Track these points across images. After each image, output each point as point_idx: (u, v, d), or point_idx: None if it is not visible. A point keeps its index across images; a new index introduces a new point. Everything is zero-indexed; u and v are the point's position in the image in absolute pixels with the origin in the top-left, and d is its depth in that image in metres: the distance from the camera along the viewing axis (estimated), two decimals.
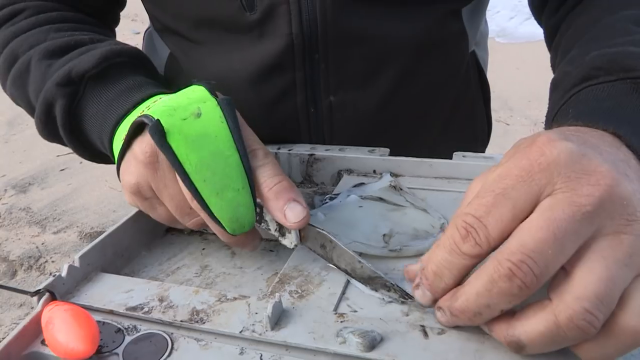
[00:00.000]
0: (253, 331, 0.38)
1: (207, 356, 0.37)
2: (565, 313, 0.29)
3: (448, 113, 0.74)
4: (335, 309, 0.40)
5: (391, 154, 0.61)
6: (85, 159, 0.60)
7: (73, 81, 0.52)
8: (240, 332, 0.38)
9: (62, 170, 2.64)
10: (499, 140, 2.68)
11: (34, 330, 0.40)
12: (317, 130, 0.68)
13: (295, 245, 0.44)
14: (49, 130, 0.57)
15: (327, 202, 0.54)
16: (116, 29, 0.75)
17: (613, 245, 0.30)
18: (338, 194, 0.55)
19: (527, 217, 0.31)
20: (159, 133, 0.41)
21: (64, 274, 0.44)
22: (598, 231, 0.30)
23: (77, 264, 0.45)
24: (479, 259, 0.33)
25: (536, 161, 0.32)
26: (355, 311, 0.39)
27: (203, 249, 0.52)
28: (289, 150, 0.63)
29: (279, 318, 0.38)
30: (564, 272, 0.31)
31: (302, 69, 0.64)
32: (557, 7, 0.62)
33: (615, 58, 0.44)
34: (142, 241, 0.53)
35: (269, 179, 0.43)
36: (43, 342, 0.39)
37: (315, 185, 0.62)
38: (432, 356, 0.35)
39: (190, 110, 0.43)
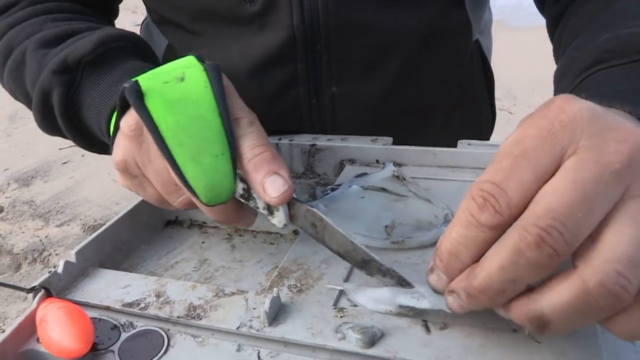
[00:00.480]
0: (250, 327, 0.37)
1: (203, 353, 0.36)
2: (595, 277, 0.27)
3: (452, 103, 0.73)
4: (335, 303, 0.39)
5: (395, 144, 0.59)
6: (86, 149, 0.58)
7: (69, 68, 0.51)
8: (238, 328, 0.37)
9: (65, 163, 2.64)
10: (503, 130, 2.64)
11: (29, 328, 0.39)
12: (319, 122, 0.67)
13: (285, 225, 0.41)
14: (47, 122, 0.55)
15: (328, 193, 0.52)
16: (116, 22, 0.73)
17: None
18: (340, 185, 0.53)
19: (549, 179, 0.28)
20: (135, 93, 0.39)
21: (60, 270, 0.43)
22: (627, 191, 0.28)
23: (73, 259, 0.44)
24: (500, 230, 0.29)
25: (557, 119, 0.29)
26: (356, 306, 0.38)
27: (202, 242, 0.51)
28: (290, 140, 0.62)
29: (277, 313, 0.37)
30: (590, 238, 0.28)
31: (304, 60, 0.62)
32: None
33: (628, 40, 0.43)
34: (141, 235, 0.52)
35: (249, 150, 0.40)
36: (39, 340, 0.38)
37: (317, 175, 0.61)
38: (434, 352, 0.34)
39: (173, 75, 0.41)
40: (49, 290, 0.41)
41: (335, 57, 0.62)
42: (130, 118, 0.41)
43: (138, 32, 0.82)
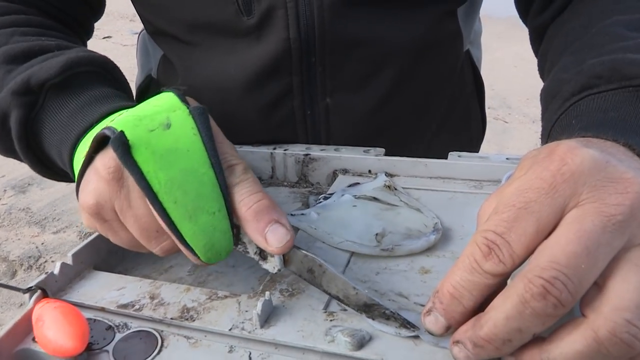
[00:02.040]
0: (242, 329, 0.38)
1: (196, 354, 0.37)
2: (605, 327, 0.27)
3: (444, 112, 0.74)
4: (326, 307, 0.40)
5: (387, 155, 0.61)
6: (44, 176, 0.55)
7: (32, 90, 0.47)
8: (230, 329, 0.38)
9: None
10: (498, 139, 2.68)
11: (25, 328, 0.40)
12: (313, 133, 0.68)
13: (279, 270, 0.40)
14: (3, 144, 0.51)
15: (321, 202, 0.54)
16: (115, 30, 0.74)
17: None
18: (332, 194, 0.55)
19: (551, 231, 0.29)
20: (123, 146, 0.36)
21: (56, 271, 0.44)
22: (629, 241, 0.29)
23: (70, 261, 0.45)
24: (502, 278, 0.30)
25: (558, 171, 0.30)
26: (345, 309, 0.39)
27: None
28: (285, 150, 0.63)
29: (268, 316, 0.38)
30: (596, 286, 0.29)
31: (299, 72, 0.64)
32: (542, 8, 0.61)
33: (615, 66, 0.44)
34: None
35: (247, 197, 0.38)
36: (34, 340, 0.39)
37: (310, 185, 0.62)
38: (420, 356, 0.35)
39: (158, 121, 0.38)
40: (45, 290, 0.42)
41: (329, 70, 0.64)
42: (109, 160, 0.38)
43: (136, 41, 0.83)
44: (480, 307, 0.32)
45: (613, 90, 0.42)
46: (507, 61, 3.55)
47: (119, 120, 0.39)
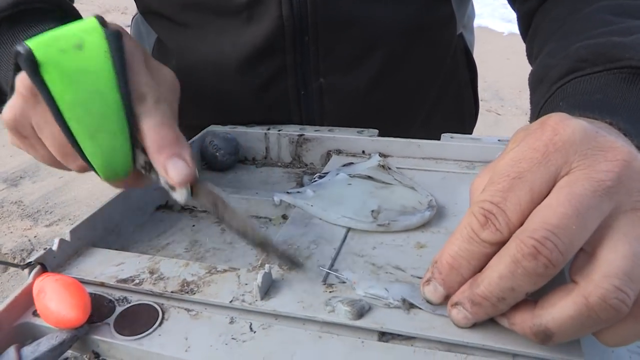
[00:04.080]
0: (243, 301, 0.38)
1: (197, 325, 0.38)
2: (596, 293, 0.28)
3: (436, 94, 0.75)
4: (324, 280, 0.40)
5: (381, 135, 0.61)
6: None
7: None
8: (230, 302, 0.38)
9: None
10: (490, 130, 2.70)
11: (25, 302, 0.40)
12: (307, 113, 0.69)
13: (186, 201, 0.41)
14: None
15: (316, 181, 0.54)
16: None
17: (632, 222, 0.29)
18: (327, 173, 0.55)
19: (544, 198, 0.30)
20: (31, 64, 0.37)
21: (55, 247, 0.44)
22: (616, 208, 0.30)
23: (68, 238, 0.45)
24: (498, 246, 0.31)
25: (550, 141, 0.31)
26: (344, 282, 0.40)
27: (193, 225, 0.53)
28: (279, 130, 0.63)
29: (268, 288, 0.39)
30: (585, 253, 0.30)
31: (292, 52, 0.64)
32: None
33: (600, 49, 0.45)
34: (132, 218, 0.53)
35: (152, 129, 0.39)
36: (34, 313, 0.39)
37: (304, 165, 0.63)
38: (418, 324, 0.35)
39: (72, 41, 0.38)
40: (44, 265, 0.42)
41: (322, 49, 0.64)
42: (25, 78, 0.39)
43: (130, 24, 0.83)
44: None
45: (598, 73, 0.43)
46: (500, 53, 3.57)
47: (35, 39, 0.39)
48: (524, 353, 0.33)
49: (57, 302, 0.36)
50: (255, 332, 0.37)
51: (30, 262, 0.42)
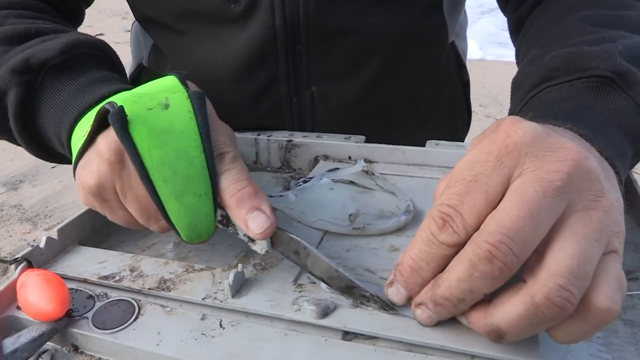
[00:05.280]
0: (215, 298, 0.40)
1: (170, 321, 0.39)
2: (541, 292, 0.29)
3: (428, 102, 0.76)
4: (295, 280, 0.42)
5: (372, 142, 0.62)
6: (38, 157, 0.55)
7: (32, 69, 0.48)
8: (203, 299, 0.40)
9: (53, 167, 2.64)
10: None
11: (10, 296, 0.42)
12: (299, 120, 0.70)
13: (267, 251, 0.41)
14: None
15: (300, 185, 0.56)
16: (107, 27, 0.75)
17: (582, 221, 0.30)
18: (312, 178, 0.57)
19: (500, 200, 0.31)
20: (121, 121, 0.37)
21: (42, 245, 0.46)
22: (569, 207, 0.30)
23: (55, 236, 0.47)
24: (456, 248, 0.32)
25: (503, 144, 0.32)
26: (314, 282, 0.41)
27: None
28: (269, 136, 0.65)
29: (240, 287, 0.40)
30: (536, 252, 0.30)
31: (284, 60, 0.65)
32: (520, 2, 0.63)
33: (571, 58, 0.46)
34: None
35: (232, 185, 0.40)
36: (18, 307, 0.41)
37: (293, 170, 0.64)
38: (380, 325, 0.36)
39: (157, 100, 0.39)
40: (30, 261, 0.44)
41: (315, 58, 0.65)
42: (111, 141, 0.39)
43: (130, 30, 0.85)
44: None
45: (569, 82, 0.44)
46: (499, 60, 3.57)
47: (119, 97, 0.40)
48: (482, 354, 0.34)
49: (37, 296, 0.38)
50: (224, 328, 0.38)
51: (17, 258, 0.44)
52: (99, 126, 0.40)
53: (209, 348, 0.36)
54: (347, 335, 0.37)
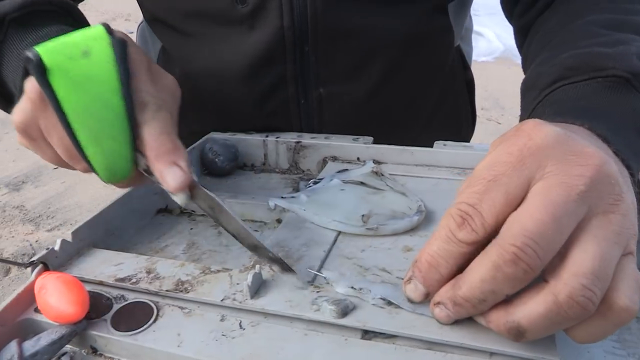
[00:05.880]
0: (234, 299, 0.40)
1: (190, 322, 0.39)
2: (564, 291, 0.30)
3: (433, 104, 0.77)
4: (312, 281, 0.42)
5: (378, 143, 0.63)
6: (7, 112, 0.54)
7: None
8: (222, 300, 0.40)
9: (56, 168, 2.63)
10: (491, 139, 2.69)
11: (27, 299, 0.42)
12: (307, 121, 0.71)
13: (186, 203, 0.42)
14: None
15: (311, 186, 0.56)
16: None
17: (603, 224, 0.31)
18: (322, 179, 0.57)
19: (519, 203, 0.31)
20: (39, 69, 0.38)
21: (57, 247, 0.46)
22: (590, 211, 0.31)
23: (69, 239, 0.47)
24: (475, 246, 0.33)
25: (525, 146, 0.32)
26: (328, 283, 0.41)
27: (191, 228, 0.55)
28: (277, 137, 0.65)
29: (258, 288, 0.41)
30: (559, 255, 0.31)
31: (292, 61, 0.66)
32: (526, 9, 0.64)
33: (587, 58, 0.46)
34: (132, 220, 0.55)
35: (151, 137, 0.41)
36: (36, 310, 0.41)
37: (301, 171, 0.65)
38: (399, 323, 0.37)
39: (80, 48, 0.40)
40: (46, 264, 0.44)
41: (322, 59, 0.66)
42: (34, 82, 0.40)
43: (135, 32, 0.85)
44: (456, 275, 0.34)
45: (584, 81, 0.45)
46: (501, 63, 3.58)
47: (44, 46, 0.40)
48: (501, 352, 0.35)
49: (57, 298, 0.38)
50: (244, 329, 0.38)
51: (33, 261, 0.44)
52: (27, 71, 0.41)
53: (230, 348, 0.37)
54: (367, 334, 0.37)
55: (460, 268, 0.34)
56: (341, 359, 0.35)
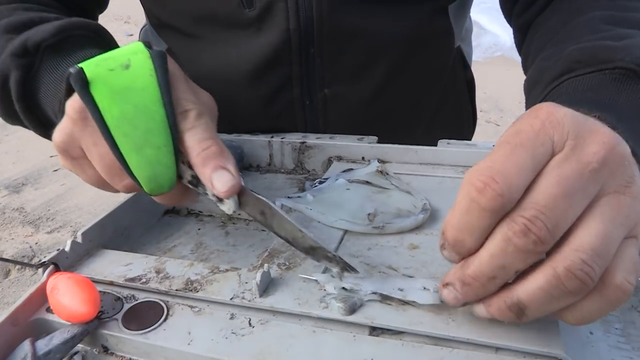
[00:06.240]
0: (243, 298, 0.41)
1: (200, 321, 0.40)
2: (563, 264, 0.30)
3: (436, 105, 0.77)
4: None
5: (382, 143, 0.63)
6: (45, 137, 0.56)
7: (28, 52, 0.50)
8: (231, 299, 0.41)
9: (56, 170, 2.65)
10: (490, 141, 2.71)
11: (39, 299, 0.43)
12: (312, 122, 0.71)
13: (234, 211, 0.42)
14: (5, 107, 0.54)
15: (316, 186, 0.56)
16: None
17: (612, 204, 0.31)
18: (327, 178, 0.58)
19: (541, 170, 0.31)
20: (81, 81, 0.39)
21: (67, 248, 0.46)
22: (602, 189, 0.31)
23: (79, 239, 0.48)
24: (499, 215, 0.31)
25: (547, 119, 0.32)
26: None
27: (199, 229, 0.55)
28: (282, 138, 0.66)
29: (267, 286, 0.41)
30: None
31: (298, 63, 0.66)
32: (525, 8, 0.64)
33: (592, 51, 0.47)
34: (140, 221, 0.55)
35: (197, 144, 0.41)
36: (48, 310, 0.42)
37: (306, 172, 0.65)
38: (407, 320, 0.37)
39: (119, 61, 0.41)
40: (57, 265, 0.45)
41: (327, 61, 0.67)
42: (75, 101, 0.41)
43: (138, 35, 0.86)
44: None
45: (590, 74, 0.45)
46: (500, 65, 3.59)
47: (85, 61, 0.41)
48: (507, 346, 0.35)
49: (69, 298, 0.39)
50: (254, 327, 0.39)
51: (44, 261, 0.44)
52: (68, 90, 0.42)
53: (240, 346, 0.37)
54: (375, 330, 0.38)
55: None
56: (349, 355, 0.36)
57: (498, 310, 0.33)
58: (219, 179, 0.40)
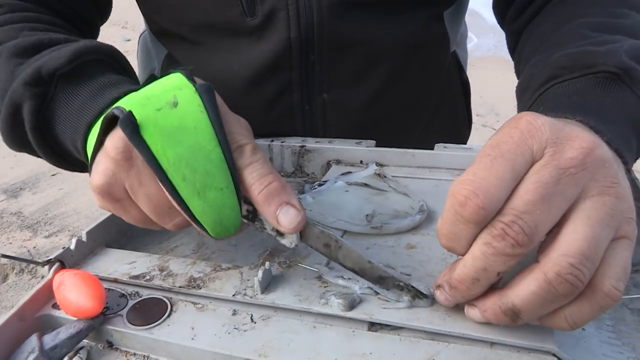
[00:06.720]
0: (245, 295, 0.42)
1: (203, 317, 0.41)
2: (553, 269, 0.31)
3: (433, 109, 0.79)
4: (320, 276, 0.44)
5: (380, 147, 0.65)
6: (58, 166, 0.54)
7: (43, 80, 0.47)
8: (233, 295, 0.42)
9: (54, 175, 2.65)
10: None
11: (45, 295, 0.44)
12: (311, 126, 0.73)
13: (296, 245, 0.41)
14: (16, 136, 0.51)
15: (316, 188, 0.58)
16: (106, 37, 0.74)
17: (596, 206, 0.32)
18: (326, 181, 0.59)
19: (521, 180, 0.32)
20: (131, 126, 0.37)
21: (72, 247, 0.48)
22: (583, 192, 0.32)
23: (84, 238, 0.49)
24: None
25: (526, 129, 0.33)
26: (337, 277, 0.43)
27: None
28: (282, 142, 0.67)
29: (268, 283, 0.42)
30: (551, 235, 0.32)
31: (298, 69, 0.68)
32: (517, 14, 0.66)
33: (577, 57, 0.48)
34: None
35: (257, 181, 0.39)
36: (54, 306, 0.43)
37: (306, 175, 0.66)
38: (404, 315, 0.39)
39: (165, 99, 0.39)
40: (62, 262, 0.46)
41: (326, 67, 0.68)
42: (117, 140, 0.39)
43: (129, 47, 0.87)
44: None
45: (576, 79, 0.47)
46: (495, 69, 3.62)
47: (127, 101, 0.40)
48: (501, 341, 0.37)
49: (75, 294, 0.40)
50: (255, 322, 0.40)
51: (50, 259, 0.45)
52: (107, 129, 0.40)
53: (242, 341, 0.38)
54: (373, 326, 0.39)
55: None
56: (349, 350, 0.37)
57: (494, 314, 0.35)
58: (285, 216, 0.39)
